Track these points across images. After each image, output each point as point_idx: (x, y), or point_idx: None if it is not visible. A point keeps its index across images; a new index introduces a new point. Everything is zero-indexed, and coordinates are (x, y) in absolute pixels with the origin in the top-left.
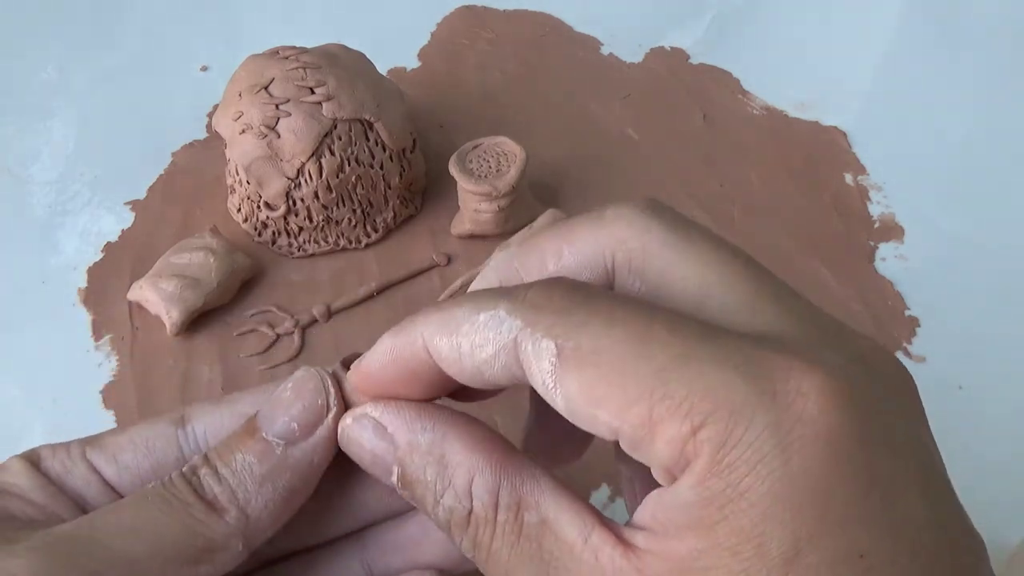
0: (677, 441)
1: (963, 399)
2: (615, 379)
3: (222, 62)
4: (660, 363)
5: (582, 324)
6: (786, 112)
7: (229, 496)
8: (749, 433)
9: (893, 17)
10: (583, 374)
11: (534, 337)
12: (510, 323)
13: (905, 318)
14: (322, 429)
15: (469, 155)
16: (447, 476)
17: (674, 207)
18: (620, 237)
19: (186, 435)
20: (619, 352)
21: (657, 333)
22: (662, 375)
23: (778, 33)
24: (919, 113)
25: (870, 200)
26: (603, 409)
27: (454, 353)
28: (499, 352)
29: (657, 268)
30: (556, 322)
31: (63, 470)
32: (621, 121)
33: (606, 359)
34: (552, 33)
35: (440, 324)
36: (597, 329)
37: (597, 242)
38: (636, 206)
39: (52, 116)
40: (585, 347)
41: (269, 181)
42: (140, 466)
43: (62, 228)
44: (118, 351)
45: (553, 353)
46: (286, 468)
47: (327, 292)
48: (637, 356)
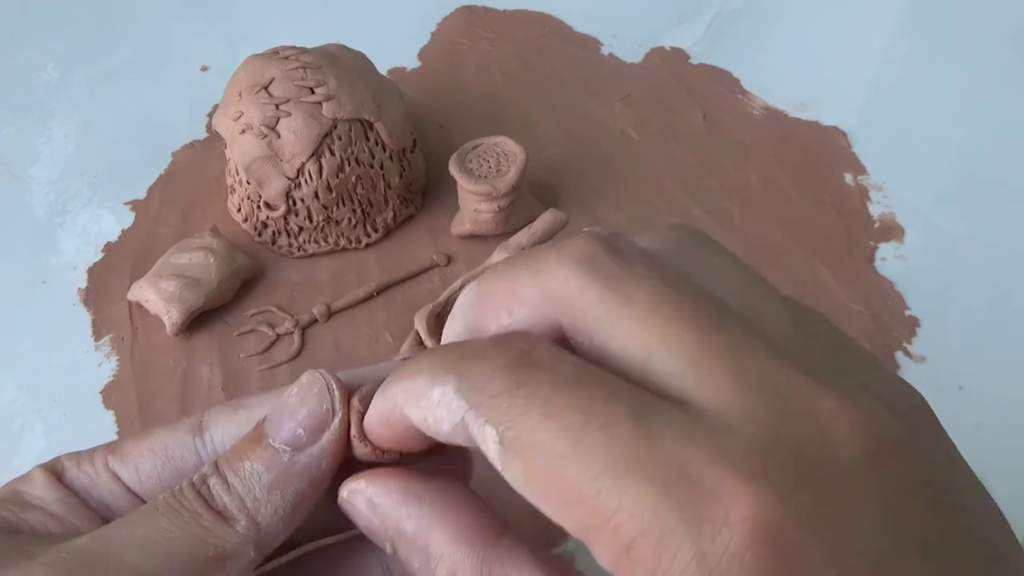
0: (611, 553)
1: (963, 399)
2: (552, 479)
3: (222, 62)
4: (594, 470)
5: (522, 412)
6: (786, 112)
7: (238, 505)
8: (676, 564)
9: (893, 17)
10: (524, 467)
11: (477, 422)
12: (457, 403)
13: (905, 318)
14: (328, 434)
15: (469, 155)
16: (431, 568)
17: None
18: (559, 296)
19: (204, 442)
20: (555, 451)
21: (591, 432)
22: (595, 484)
23: (778, 33)
24: (919, 113)
25: (870, 200)
26: (544, 504)
27: (424, 424)
28: (455, 428)
29: (598, 330)
30: (495, 407)
31: (89, 482)
32: (621, 121)
33: (544, 457)
34: (552, 33)
35: (408, 395)
36: (535, 421)
37: (539, 299)
38: (571, 258)
39: (52, 116)
40: (523, 440)
41: (269, 181)
42: (160, 474)
43: (62, 228)
44: (118, 351)
45: (495, 440)
46: (294, 475)
47: (327, 292)
48: (572, 457)
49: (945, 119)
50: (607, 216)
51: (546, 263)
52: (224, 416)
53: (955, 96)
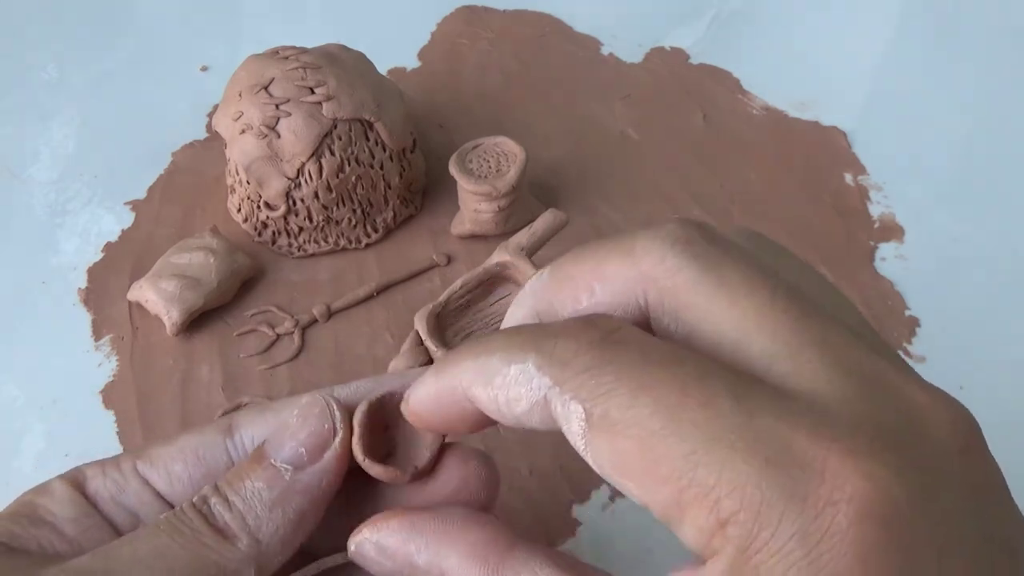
0: (704, 531)
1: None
2: (644, 455)
3: (222, 62)
4: (690, 445)
5: (610, 389)
6: (786, 112)
7: (240, 523)
8: (775, 540)
9: (893, 17)
10: (612, 445)
11: (563, 399)
12: (539, 380)
13: (905, 318)
14: (329, 453)
15: (469, 155)
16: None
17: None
18: (651, 275)
19: (235, 444)
20: (649, 427)
21: (689, 408)
22: (692, 458)
23: (778, 33)
24: (919, 113)
25: (870, 200)
26: (632, 483)
27: (493, 405)
28: (533, 407)
29: (691, 310)
30: (583, 383)
31: (116, 488)
32: (621, 121)
33: (635, 433)
34: (552, 33)
35: (476, 374)
36: (625, 398)
37: (628, 279)
38: (667, 238)
39: (52, 116)
40: (613, 416)
41: (269, 181)
42: (192, 475)
43: (62, 228)
44: (118, 351)
45: (582, 417)
46: (295, 493)
47: (327, 292)
48: (667, 434)
49: (945, 119)
50: (607, 216)
51: (641, 242)
52: (253, 418)
53: (955, 96)
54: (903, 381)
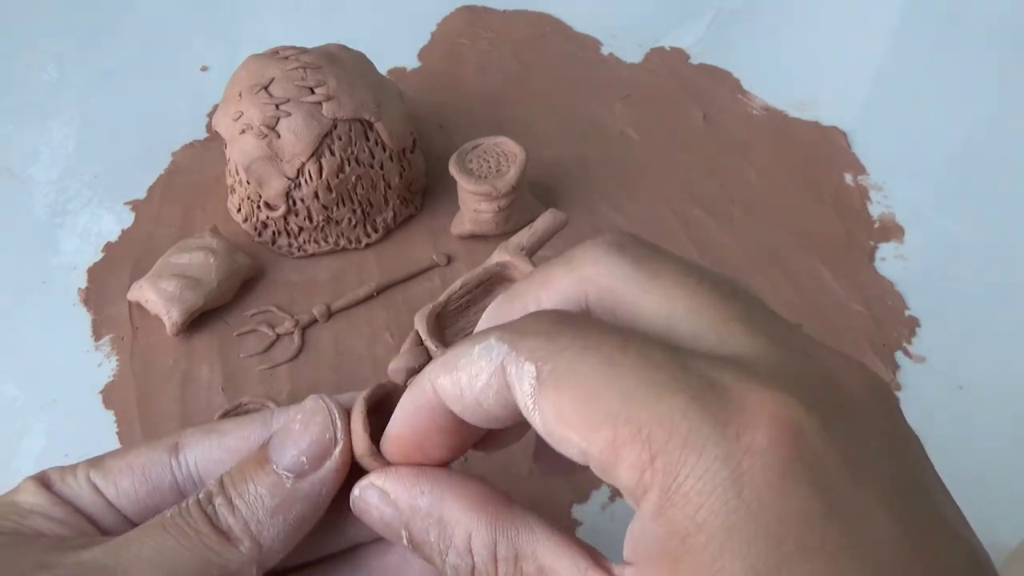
0: (637, 467)
1: (963, 399)
2: (586, 402)
3: (222, 62)
4: (627, 388)
5: (561, 349)
6: (786, 112)
7: (243, 527)
8: (700, 463)
9: (893, 17)
10: (558, 396)
11: (517, 361)
12: (499, 349)
13: (905, 318)
14: (330, 462)
15: (469, 155)
16: (448, 536)
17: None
18: (590, 277)
19: (179, 464)
20: (592, 376)
21: (627, 358)
22: (627, 400)
23: (778, 33)
24: (919, 113)
25: (870, 200)
26: (574, 431)
27: (456, 389)
28: (491, 379)
29: (627, 303)
30: (538, 346)
31: (72, 494)
32: (621, 121)
33: (580, 382)
34: (552, 33)
35: (442, 365)
36: (574, 354)
37: (570, 285)
38: (602, 244)
39: (52, 116)
40: (561, 370)
41: (269, 181)
42: (137, 492)
43: (62, 228)
44: (118, 351)
45: (533, 375)
46: (296, 500)
47: (327, 292)
48: (608, 381)
49: (945, 119)
50: (607, 216)
51: (579, 251)
52: (198, 439)
53: (955, 96)
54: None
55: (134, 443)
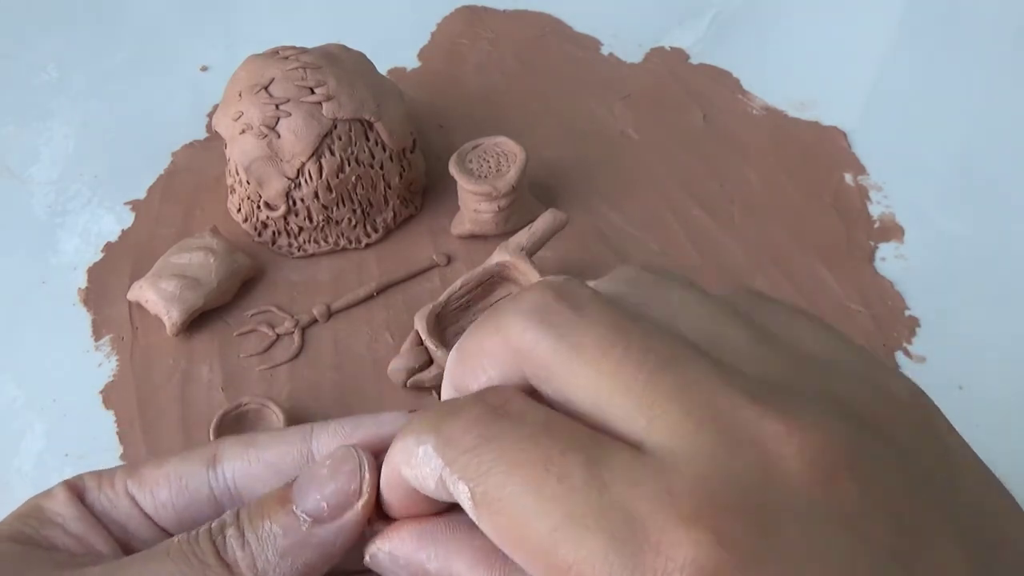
0: None
1: (963, 399)
2: (519, 532)
3: (222, 62)
4: (552, 523)
5: (489, 468)
6: (786, 112)
7: (249, 563)
8: None
9: (893, 17)
10: (494, 522)
11: (452, 479)
12: (435, 461)
13: (905, 318)
14: (350, 514)
15: (469, 155)
16: None
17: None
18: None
19: (216, 475)
20: (520, 505)
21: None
22: (554, 536)
23: (778, 33)
24: (919, 113)
25: (870, 200)
26: (515, 555)
27: (417, 482)
28: (438, 486)
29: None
30: (467, 463)
31: (109, 504)
32: (621, 121)
33: (510, 510)
34: (552, 33)
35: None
36: (501, 477)
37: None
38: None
39: (52, 116)
40: (491, 495)
41: (269, 181)
42: (176, 503)
43: (62, 228)
44: (118, 351)
45: (467, 496)
46: (308, 546)
47: (327, 292)
48: (534, 512)
49: (945, 119)
50: (607, 216)
51: (504, 318)
52: (237, 452)
53: (955, 96)
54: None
55: (171, 452)
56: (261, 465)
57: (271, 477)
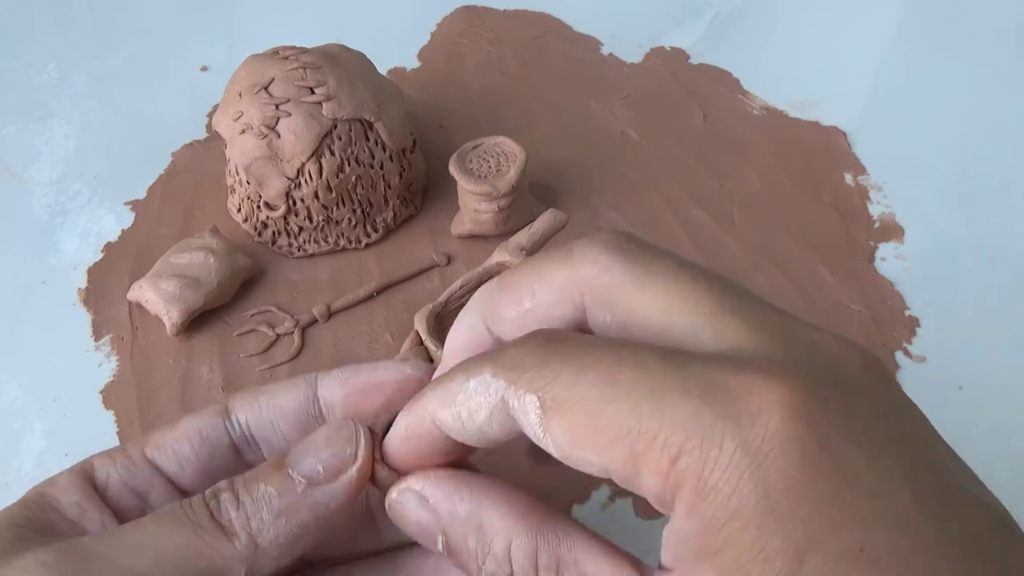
0: (660, 474)
1: (963, 399)
2: (595, 423)
3: (222, 62)
4: (632, 402)
5: (556, 375)
6: (786, 112)
7: (243, 522)
8: (723, 455)
9: (893, 17)
10: (566, 422)
11: (518, 394)
12: (496, 385)
13: (905, 318)
14: (345, 477)
15: (469, 155)
16: (486, 543)
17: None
18: (586, 276)
19: (233, 426)
20: (594, 397)
21: (625, 372)
22: (635, 412)
23: (778, 33)
24: (919, 113)
25: (870, 200)
26: (589, 451)
27: (457, 422)
28: (493, 412)
29: (623, 301)
30: (534, 377)
31: (128, 474)
32: (621, 121)
33: (583, 405)
34: (552, 33)
35: (440, 399)
36: (570, 378)
37: (566, 281)
38: (600, 243)
39: (52, 116)
40: (562, 396)
41: (269, 181)
42: (200, 455)
43: (62, 228)
44: (118, 351)
45: (536, 406)
46: (303, 507)
47: (327, 292)
48: (612, 397)
49: (945, 119)
50: (607, 216)
51: (576, 248)
52: (248, 401)
53: (955, 96)
54: (816, 333)
55: (177, 417)
56: (271, 411)
57: (282, 422)
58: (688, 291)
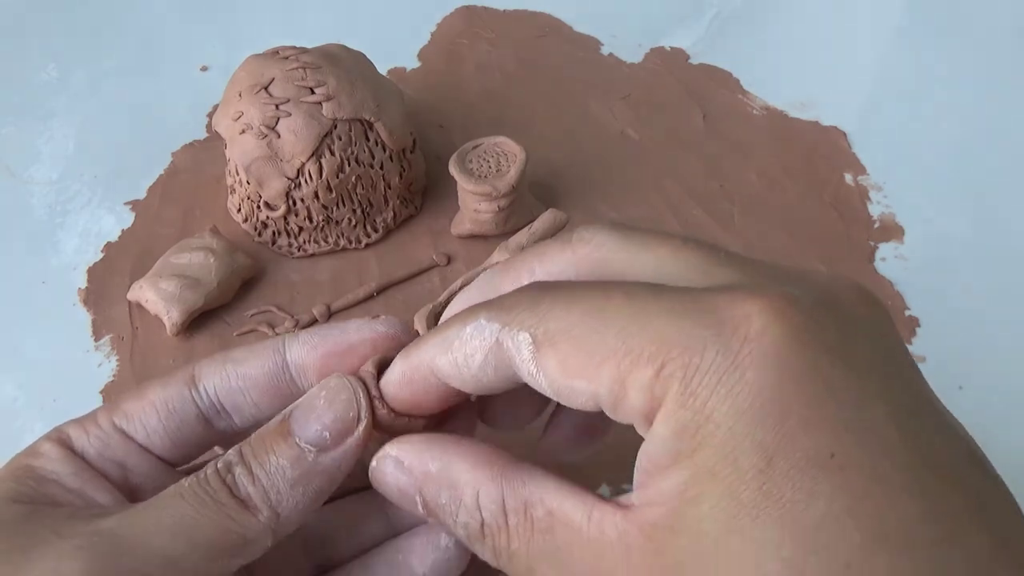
0: (645, 387)
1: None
2: (584, 349)
3: (222, 62)
4: (619, 325)
5: (548, 311)
6: (786, 112)
7: (262, 496)
8: (704, 361)
9: (893, 17)
10: (557, 352)
11: (511, 333)
12: (490, 328)
13: (905, 318)
14: (351, 439)
15: (469, 155)
16: (457, 496)
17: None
18: (583, 254)
19: (200, 395)
20: (584, 325)
21: (613, 301)
22: (622, 334)
23: (778, 33)
24: (919, 113)
25: (870, 200)
26: (580, 378)
27: (454, 368)
28: (488, 355)
29: (617, 270)
30: (527, 316)
31: (101, 445)
32: (621, 121)
33: (574, 334)
34: (552, 33)
35: (437, 345)
36: (561, 311)
37: (564, 260)
38: (596, 224)
39: (52, 116)
40: (553, 328)
41: (269, 181)
42: (167, 426)
43: (62, 228)
44: (118, 351)
45: (529, 341)
46: (316, 474)
47: (327, 292)
48: (599, 324)
49: (945, 119)
50: (607, 216)
51: (575, 233)
52: (214, 369)
53: (956, 96)
54: (816, 273)
55: (146, 382)
56: (239, 379)
57: (252, 389)
58: (678, 251)
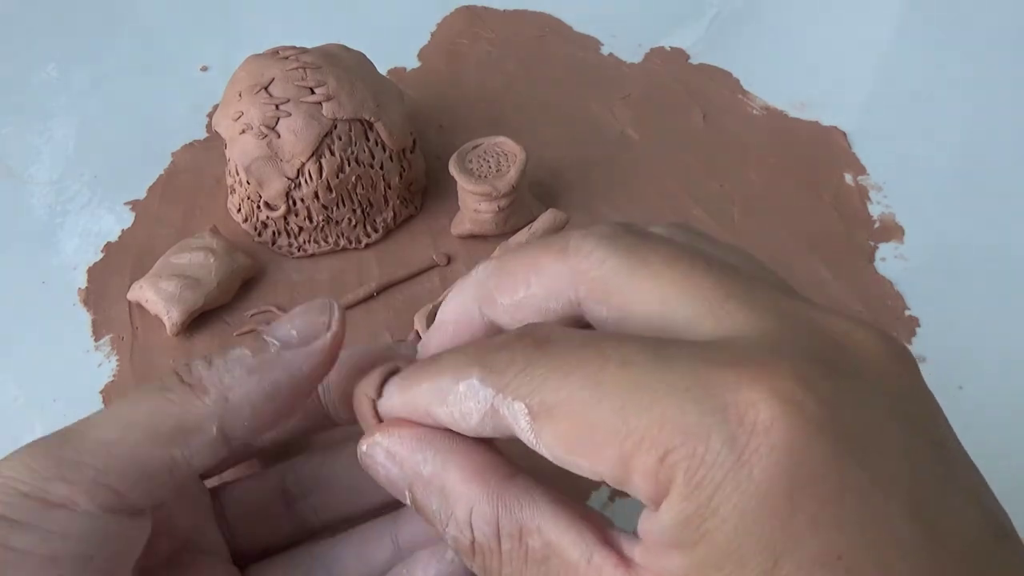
0: (650, 473)
1: (963, 399)
2: (583, 427)
3: (222, 62)
4: (618, 403)
5: (543, 380)
6: (786, 112)
7: (213, 380)
8: (709, 452)
9: (893, 17)
10: (556, 427)
11: (506, 402)
12: (484, 392)
13: (905, 318)
14: (318, 342)
15: (469, 155)
16: (448, 508)
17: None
18: (581, 269)
19: None
20: (580, 400)
21: (610, 371)
22: (621, 413)
23: (778, 33)
24: (919, 113)
25: (870, 200)
26: (581, 457)
27: (451, 419)
28: (484, 418)
29: (619, 294)
30: (520, 384)
31: None
32: (621, 121)
33: (571, 409)
34: (552, 33)
35: (432, 395)
36: (556, 382)
37: (561, 275)
38: (595, 235)
39: (52, 116)
40: (550, 402)
41: (269, 181)
42: None
43: (62, 228)
44: (118, 351)
45: (525, 413)
46: (276, 365)
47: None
48: (597, 400)
49: (945, 119)
50: (607, 216)
51: (573, 239)
52: None
53: (955, 96)
54: (825, 316)
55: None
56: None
57: None
58: (686, 277)
